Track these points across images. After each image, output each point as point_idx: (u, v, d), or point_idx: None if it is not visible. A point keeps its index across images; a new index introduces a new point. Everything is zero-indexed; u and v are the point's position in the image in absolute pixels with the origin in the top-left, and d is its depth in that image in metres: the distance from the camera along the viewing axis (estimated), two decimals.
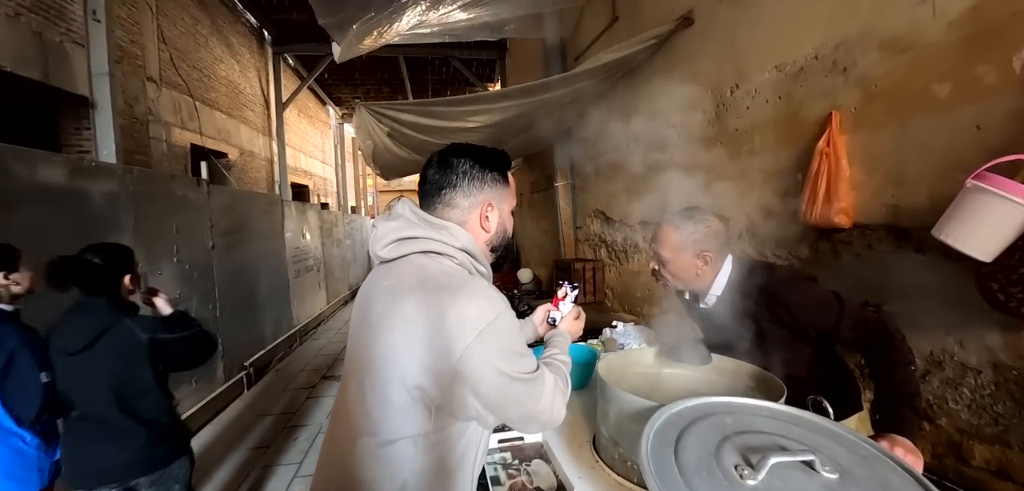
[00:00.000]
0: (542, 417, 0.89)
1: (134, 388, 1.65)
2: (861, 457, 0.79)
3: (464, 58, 8.65)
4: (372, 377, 0.87)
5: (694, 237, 1.32)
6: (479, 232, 0.97)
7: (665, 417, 0.90)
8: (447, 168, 0.94)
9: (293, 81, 9.39)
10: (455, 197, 0.94)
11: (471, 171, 0.95)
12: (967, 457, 1.50)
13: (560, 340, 1.15)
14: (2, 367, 1.51)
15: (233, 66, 7.03)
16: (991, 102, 1.35)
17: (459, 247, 0.91)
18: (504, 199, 1.00)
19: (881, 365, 1.15)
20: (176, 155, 5.42)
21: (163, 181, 3.87)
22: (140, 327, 1.68)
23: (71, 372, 1.59)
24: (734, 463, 0.75)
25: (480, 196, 0.95)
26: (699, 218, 1.34)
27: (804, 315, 1.26)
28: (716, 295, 1.38)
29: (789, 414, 0.94)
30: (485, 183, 0.96)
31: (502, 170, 1.00)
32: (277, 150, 8.45)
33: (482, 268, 0.95)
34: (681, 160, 2.96)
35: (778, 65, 2.12)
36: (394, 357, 0.84)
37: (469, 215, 0.95)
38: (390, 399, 0.85)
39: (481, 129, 3.86)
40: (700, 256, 1.33)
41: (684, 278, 1.38)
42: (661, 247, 1.38)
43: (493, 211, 0.97)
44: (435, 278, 0.86)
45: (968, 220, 1.19)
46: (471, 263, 0.93)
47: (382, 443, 0.86)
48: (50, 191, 2.65)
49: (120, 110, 4.32)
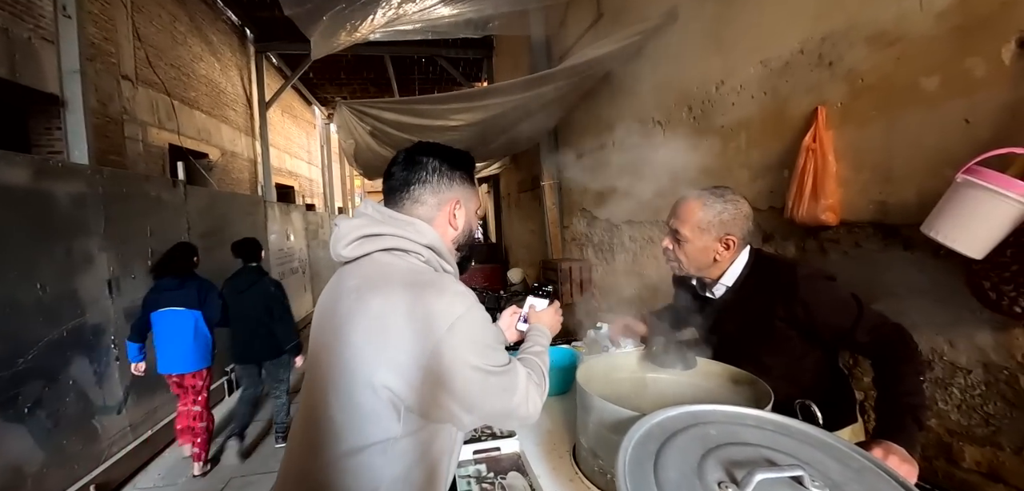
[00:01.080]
0: (518, 411, 0.88)
1: (267, 313, 3.29)
2: (854, 471, 0.74)
3: (451, 57, 8.56)
4: (336, 382, 0.82)
5: (722, 217, 1.21)
6: (446, 230, 0.96)
7: (645, 429, 0.84)
8: (416, 165, 0.93)
9: (277, 80, 9.22)
10: (424, 193, 0.93)
11: (441, 168, 0.94)
12: (957, 459, 1.46)
13: (537, 335, 1.12)
14: (202, 299, 3.08)
15: (213, 64, 6.86)
16: (980, 95, 1.32)
17: (424, 244, 0.88)
18: (470, 199, 1.00)
19: (891, 373, 1.09)
20: (153, 155, 5.26)
21: (136, 182, 3.74)
22: (270, 283, 3.45)
23: (238, 302, 3.27)
24: (718, 480, 0.69)
25: (449, 193, 0.95)
26: (730, 198, 1.23)
27: (822, 315, 1.18)
28: (726, 285, 1.29)
29: (777, 423, 0.88)
30: (454, 182, 0.95)
31: (468, 171, 1.00)
32: (261, 150, 8.29)
33: (448, 266, 0.93)
34: (666, 158, 2.92)
35: (763, 60, 2.08)
36: (360, 358, 0.79)
37: (437, 212, 0.94)
38: (356, 404, 0.79)
39: (465, 127, 3.79)
40: (723, 240, 1.23)
41: (699, 262, 1.28)
42: (682, 223, 1.25)
43: (461, 209, 0.97)
44: (402, 275, 0.83)
45: (958, 216, 1.15)
46: (437, 260, 0.90)
47: (348, 452, 0.80)
48: (11, 193, 2.53)
49: (93, 109, 4.17)
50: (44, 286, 2.67)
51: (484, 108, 3.77)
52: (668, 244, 1.31)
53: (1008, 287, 1.12)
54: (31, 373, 2.54)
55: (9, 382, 2.42)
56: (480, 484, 1.04)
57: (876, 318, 1.13)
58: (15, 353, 2.47)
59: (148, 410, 3.50)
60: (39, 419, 2.58)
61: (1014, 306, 1.12)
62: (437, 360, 0.77)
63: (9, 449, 2.40)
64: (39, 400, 2.59)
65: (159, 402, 3.62)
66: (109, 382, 3.14)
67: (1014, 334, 1.29)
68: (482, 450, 1.16)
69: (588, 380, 1.17)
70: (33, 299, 2.60)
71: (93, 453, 2.95)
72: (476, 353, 0.81)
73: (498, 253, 10.24)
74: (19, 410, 2.47)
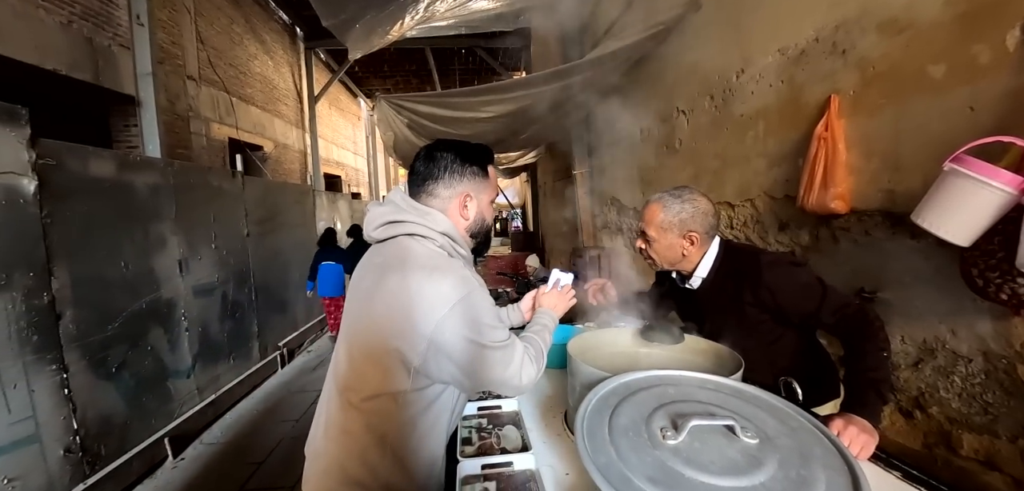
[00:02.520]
0: (512, 382, 1.01)
1: None
2: (790, 428, 0.83)
3: (490, 47, 8.70)
4: (360, 342, 1.00)
5: (681, 217, 1.35)
6: (458, 219, 1.07)
7: (611, 387, 0.96)
8: (431, 161, 1.06)
9: (324, 75, 9.72)
10: (437, 188, 1.05)
11: (452, 165, 1.05)
12: (956, 446, 1.47)
13: (542, 315, 1.26)
14: (342, 258, 5.41)
15: (267, 62, 7.36)
16: (985, 82, 1.32)
17: (440, 231, 1.01)
18: (483, 191, 1.10)
19: (856, 350, 1.17)
20: (215, 149, 5.77)
21: (200, 173, 4.16)
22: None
23: (355, 262, 3.69)
24: (661, 426, 0.80)
25: (459, 187, 1.06)
26: (687, 198, 1.36)
27: (787, 299, 1.27)
28: (701, 277, 1.41)
29: (733, 388, 0.98)
30: (464, 176, 1.06)
31: (482, 164, 1.09)
32: (310, 142, 8.81)
33: (462, 251, 1.05)
34: (689, 147, 2.94)
35: (781, 48, 2.08)
36: (379, 325, 0.96)
37: (449, 204, 1.05)
38: (375, 361, 0.97)
39: (496, 119, 3.93)
40: (686, 236, 1.36)
41: (669, 258, 1.41)
42: (647, 225, 1.41)
43: (471, 202, 1.07)
44: (417, 258, 0.97)
45: (945, 204, 1.18)
46: (451, 246, 1.03)
47: (367, 398, 0.98)
48: (100, 183, 2.92)
49: (163, 107, 4.65)
50: (127, 264, 3.07)
51: (514, 100, 3.89)
52: (640, 244, 1.44)
53: (994, 274, 1.14)
54: (117, 338, 2.95)
55: (100, 345, 2.83)
56: (479, 433, 1.19)
57: (840, 300, 1.19)
58: (105, 321, 2.87)
59: (212, 376, 3.93)
60: (124, 378, 3.00)
61: (999, 293, 1.14)
62: (441, 333, 0.92)
63: (101, 402, 2.81)
64: (123, 362, 3.00)
65: (221, 370, 4.04)
66: (180, 350, 3.56)
67: (1012, 323, 1.29)
68: (486, 407, 1.32)
69: (581, 351, 1.30)
70: (118, 275, 3.00)
71: (167, 410, 3.37)
72: (475, 330, 0.95)
73: (534, 241, 10.39)
74: (108, 369, 2.87)
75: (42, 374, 2.44)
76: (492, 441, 1.16)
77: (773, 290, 1.26)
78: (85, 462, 2.66)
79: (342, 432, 1.00)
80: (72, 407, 2.61)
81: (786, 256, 1.35)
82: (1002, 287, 1.12)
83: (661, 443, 0.77)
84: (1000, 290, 1.13)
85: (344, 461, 0.98)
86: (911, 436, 1.63)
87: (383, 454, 0.97)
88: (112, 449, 2.86)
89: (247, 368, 4.41)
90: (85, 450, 2.66)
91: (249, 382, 4.37)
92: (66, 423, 2.57)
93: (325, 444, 1.02)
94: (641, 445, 0.77)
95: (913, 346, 1.59)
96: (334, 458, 1.00)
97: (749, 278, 1.29)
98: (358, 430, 0.98)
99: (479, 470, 1.00)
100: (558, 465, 1.05)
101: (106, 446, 2.82)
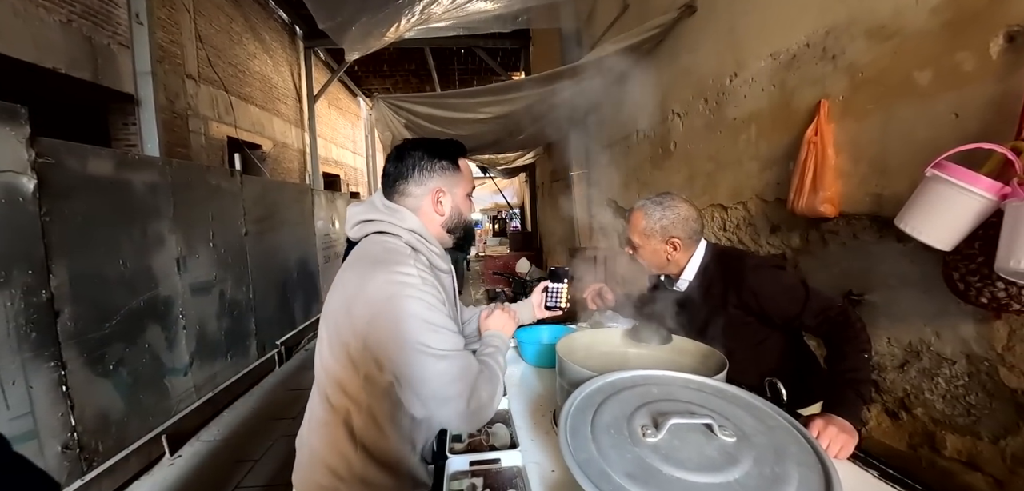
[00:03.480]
0: (457, 404, 0.89)
1: None
2: (768, 427, 0.85)
3: (489, 48, 8.72)
4: (326, 336, 1.02)
5: (662, 223, 1.39)
6: (433, 216, 1.07)
7: (596, 386, 0.98)
8: (400, 161, 1.06)
9: (324, 74, 9.74)
10: (408, 186, 1.05)
11: (420, 162, 1.05)
12: (940, 447, 1.50)
13: (490, 339, 1.17)
14: None
15: (266, 61, 7.38)
16: (969, 89, 1.34)
17: (407, 228, 1.01)
18: (456, 184, 1.09)
19: (837, 352, 1.19)
20: (214, 147, 5.78)
21: (199, 172, 4.17)
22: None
23: None
24: (642, 424, 0.83)
25: (430, 183, 1.05)
26: (668, 204, 1.40)
27: (770, 303, 1.30)
28: (688, 280, 1.44)
29: (715, 387, 1.00)
30: (434, 171, 1.05)
31: (452, 158, 1.08)
32: (309, 141, 8.83)
33: (434, 249, 1.05)
34: (683, 150, 2.97)
35: (773, 53, 2.11)
36: (337, 320, 0.97)
37: (422, 201, 1.05)
38: (335, 355, 0.98)
39: (494, 120, 3.95)
40: (669, 242, 1.40)
41: (655, 263, 1.46)
42: (632, 232, 1.46)
43: (445, 196, 1.07)
44: (376, 254, 0.97)
45: (926, 209, 1.20)
46: (420, 242, 1.02)
47: (334, 391, 1.00)
48: (98, 182, 2.94)
49: (162, 106, 4.66)
50: (125, 262, 3.09)
51: (512, 101, 3.91)
52: (629, 250, 1.48)
53: (974, 278, 1.16)
54: (115, 336, 2.97)
55: (98, 342, 2.84)
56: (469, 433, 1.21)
57: (823, 302, 1.22)
58: (103, 318, 2.89)
59: (210, 374, 3.94)
60: (121, 376, 3.01)
61: (979, 297, 1.16)
62: (374, 330, 0.89)
63: (99, 399, 2.82)
64: (121, 359, 3.01)
65: (219, 368, 4.06)
66: (177, 348, 3.58)
67: (994, 326, 1.32)
68: None
69: (570, 351, 1.32)
70: (116, 273, 3.02)
71: (164, 408, 3.39)
72: (414, 329, 0.88)
73: (532, 241, 10.41)
74: (106, 367, 2.89)
75: (40, 371, 2.46)
76: (481, 438, 1.18)
77: (757, 293, 1.29)
78: (82, 459, 2.67)
79: (321, 424, 1.02)
80: (70, 404, 2.62)
81: (771, 259, 1.39)
82: (982, 291, 1.15)
83: (641, 440, 0.79)
84: (980, 294, 1.15)
85: (324, 453, 1.01)
86: (896, 437, 1.65)
87: (354, 447, 0.99)
88: (110, 446, 2.87)
89: (245, 366, 4.43)
90: (82, 447, 2.68)
91: (247, 380, 4.39)
92: (64, 420, 2.59)
93: (308, 436, 1.05)
94: (622, 442, 0.79)
95: (899, 348, 1.61)
96: (315, 450, 1.02)
97: (734, 281, 1.32)
98: (332, 422, 1.00)
99: (467, 466, 1.02)
100: (544, 462, 1.08)
101: (103, 443, 2.83)
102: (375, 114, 4.31)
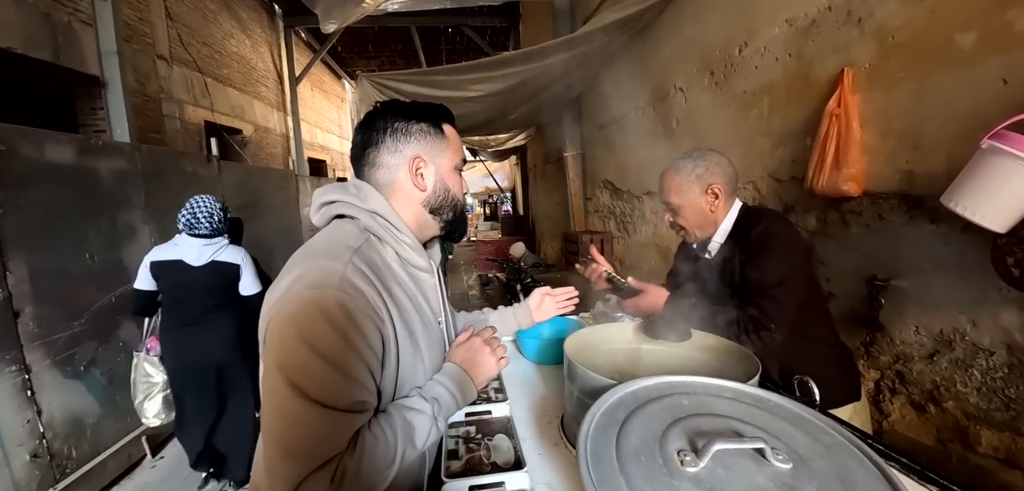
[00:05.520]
0: (285, 474, 0.60)
1: None
2: (825, 446, 0.72)
3: (477, 26, 8.45)
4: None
5: (698, 172, 1.27)
6: (412, 193, 0.83)
7: (617, 397, 0.84)
8: (369, 127, 0.84)
9: (306, 55, 9.38)
10: (379, 156, 0.82)
11: (394, 125, 0.82)
12: (974, 443, 1.39)
13: (441, 385, 0.82)
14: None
15: (244, 41, 7.04)
16: (1021, 51, 1.20)
17: (368, 209, 0.79)
18: (441, 153, 0.85)
19: (723, 318, 1.18)
20: (190, 133, 5.51)
21: (172, 158, 3.94)
22: None
23: None
24: (678, 448, 0.69)
25: (407, 150, 0.82)
26: (697, 156, 1.28)
27: (751, 262, 1.19)
28: (719, 243, 1.31)
29: (754, 396, 0.87)
30: (411, 136, 0.82)
31: (434, 121, 0.85)
32: (292, 125, 8.52)
33: (405, 237, 0.81)
34: (686, 127, 2.82)
35: (789, 19, 1.95)
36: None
37: (397, 174, 0.82)
38: None
39: (484, 98, 3.76)
40: (709, 191, 1.27)
41: (700, 222, 1.31)
42: (669, 195, 1.32)
43: (427, 166, 0.83)
44: (316, 246, 0.76)
45: (982, 186, 1.07)
46: (385, 229, 0.79)
47: None
48: (60, 170, 2.72)
49: (131, 89, 4.38)
50: (93, 255, 2.88)
51: (503, 77, 3.72)
52: (669, 218, 1.34)
53: None
54: (86, 334, 2.78)
55: (67, 342, 2.66)
56: (467, 444, 1.07)
57: (776, 293, 1.13)
58: (71, 316, 2.70)
59: None
60: (94, 376, 2.83)
61: None
62: (264, 354, 0.66)
63: (69, 402, 2.65)
64: (94, 359, 2.83)
65: None
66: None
67: None
68: (473, 413, 1.20)
69: (579, 349, 1.19)
70: (84, 268, 2.82)
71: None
72: (292, 351, 0.62)
73: (525, 225, 10.26)
74: (76, 368, 2.71)
75: (1, 376, 2.28)
76: (482, 454, 1.04)
77: (752, 251, 1.17)
78: (54, 467, 2.51)
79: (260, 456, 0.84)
80: (37, 409, 2.45)
81: (784, 226, 1.22)
82: None
83: (679, 470, 0.65)
84: None
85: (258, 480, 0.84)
86: (923, 431, 1.55)
87: None
88: (84, 451, 2.71)
89: None
90: (53, 454, 2.51)
91: None
92: (31, 427, 2.41)
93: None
94: (656, 472, 0.66)
95: (928, 337, 1.50)
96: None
97: (747, 242, 1.20)
98: None
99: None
100: (556, 482, 0.94)
101: (77, 448, 2.67)
102: (359, 93, 4.10)
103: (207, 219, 2.29)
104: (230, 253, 2.36)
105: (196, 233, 2.29)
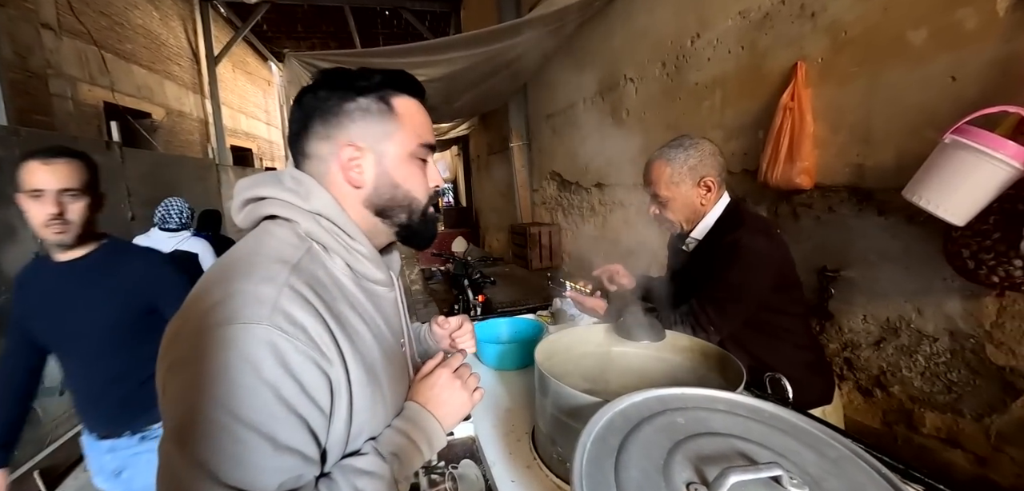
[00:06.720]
0: None
1: None
2: (832, 461, 0.66)
3: (416, 10, 8.09)
4: None
5: (689, 164, 1.19)
6: (345, 189, 0.63)
7: (606, 419, 0.74)
8: (299, 106, 0.64)
9: (226, 33, 8.53)
10: (310, 142, 0.63)
11: (328, 102, 0.61)
12: (918, 425, 1.46)
13: (402, 434, 0.64)
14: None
15: (151, 13, 6.24)
16: (970, 50, 1.24)
17: (311, 211, 0.60)
18: (387, 137, 0.63)
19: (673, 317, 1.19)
20: (86, 115, 4.78)
21: (59, 143, 3.37)
22: None
23: None
24: (686, 481, 0.60)
25: (339, 135, 0.61)
26: (689, 145, 1.20)
27: (721, 253, 1.16)
28: (697, 238, 1.24)
29: (749, 407, 0.80)
30: (344, 116, 0.61)
31: (379, 93, 0.62)
32: (211, 110, 7.73)
33: (359, 245, 0.63)
34: (637, 117, 2.80)
35: (742, 11, 1.95)
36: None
37: (330, 164, 0.62)
38: None
39: (426, 84, 3.53)
40: (702, 183, 1.19)
41: (688, 214, 1.24)
42: (658, 187, 1.23)
43: (364, 155, 0.62)
44: (240, 256, 0.57)
45: (944, 180, 1.08)
46: (331, 232, 0.61)
47: None
48: None
49: (8, 62, 3.71)
50: None
51: (448, 62, 3.53)
52: (654, 210, 1.26)
53: (988, 256, 1.07)
54: None
55: None
56: (429, 475, 0.93)
57: (714, 297, 1.14)
58: None
59: None
60: None
61: (992, 275, 1.07)
62: (171, 382, 0.50)
63: None
64: None
65: None
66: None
67: (983, 303, 1.26)
68: None
69: (548, 357, 1.08)
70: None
71: (36, 438, 2.73)
72: (193, 416, 0.46)
73: (468, 217, 10.08)
74: None
75: None
76: (446, 487, 0.91)
77: (720, 253, 1.14)
78: None
79: None
80: None
81: (759, 240, 1.18)
82: (995, 269, 1.05)
83: None
84: (993, 272, 1.06)
85: None
86: (870, 414, 1.61)
87: None
88: None
89: None
90: None
91: None
92: None
93: None
94: None
95: (875, 325, 1.55)
96: None
97: (720, 247, 1.16)
98: None
99: None
100: None
101: None
102: (287, 74, 3.72)
103: (178, 215, 2.61)
104: (191, 244, 2.63)
105: (167, 227, 2.56)
